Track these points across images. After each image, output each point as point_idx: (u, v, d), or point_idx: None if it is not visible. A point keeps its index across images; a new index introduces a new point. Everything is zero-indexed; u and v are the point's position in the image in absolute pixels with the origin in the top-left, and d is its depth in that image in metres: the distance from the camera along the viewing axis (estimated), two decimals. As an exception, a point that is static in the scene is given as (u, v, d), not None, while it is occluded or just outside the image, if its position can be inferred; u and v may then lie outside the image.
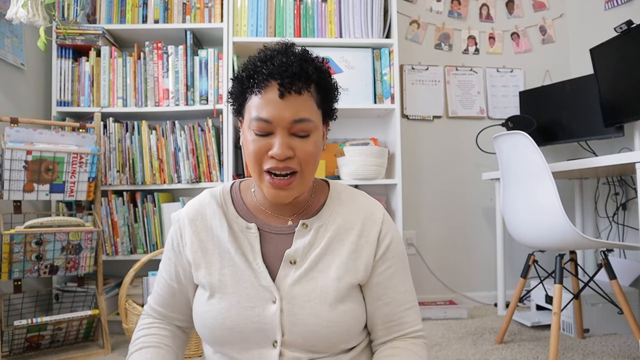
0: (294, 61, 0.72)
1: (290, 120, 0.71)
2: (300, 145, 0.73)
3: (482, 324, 2.21)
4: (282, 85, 0.70)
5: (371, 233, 0.80)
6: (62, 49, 2.18)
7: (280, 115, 0.71)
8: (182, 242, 0.82)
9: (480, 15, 2.80)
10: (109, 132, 2.17)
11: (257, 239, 0.79)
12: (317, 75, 0.74)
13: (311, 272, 0.77)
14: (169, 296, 0.84)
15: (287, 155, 0.71)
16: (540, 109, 2.53)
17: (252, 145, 0.73)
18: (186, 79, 2.24)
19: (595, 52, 2.14)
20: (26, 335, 1.76)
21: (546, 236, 1.70)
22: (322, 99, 0.77)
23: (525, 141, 1.71)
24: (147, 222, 2.18)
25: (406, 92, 2.69)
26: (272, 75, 0.71)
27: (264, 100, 0.72)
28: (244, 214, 0.82)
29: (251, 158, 0.74)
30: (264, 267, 0.77)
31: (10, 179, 1.71)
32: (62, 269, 1.82)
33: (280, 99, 0.71)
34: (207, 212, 0.82)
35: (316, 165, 0.77)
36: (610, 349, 1.79)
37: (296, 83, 0.71)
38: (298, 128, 0.72)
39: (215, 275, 0.78)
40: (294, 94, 0.71)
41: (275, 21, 2.30)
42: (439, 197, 2.69)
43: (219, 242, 0.80)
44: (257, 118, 0.72)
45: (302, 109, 0.72)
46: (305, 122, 0.73)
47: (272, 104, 0.71)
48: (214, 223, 0.81)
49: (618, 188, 2.39)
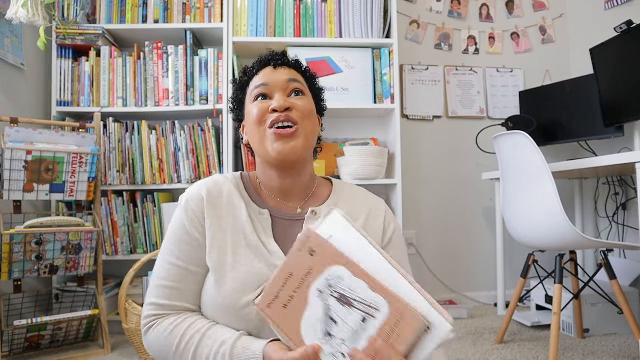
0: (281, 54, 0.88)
1: (285, 80, 0.83)
2: (297, 101, 0.82)
3: (482, 324, 2.21)
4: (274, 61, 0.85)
5: (377, 222, 0.87)
6: (62, 49, 2.18)
7: (275, 78, 0.83)
8: (199, 220, 0.80)
9: (480, 15, 2.80)
10: (109, 132, 2.17)
11: (270, 224, 0.82)
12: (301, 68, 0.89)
13: None
14: (185, 285, 0.79)
15: (286, 106, 0.79)
16: (540, 109, 2.53)
17: (254, 110, 0.82)
18: (186, 79, 2.24)
19: (595, 52, 2.14)
20: (26, 335, 1.76)
21: (546, 236, 1.70)
22: (310, 86, 0.89)
23: (525, 141, 1.71)
24: (147, 222, 2.18)
25: (406, 92, 2.69)
26: (266, 61, 0.86)
27: (260, 75, 0.85)
28: (256, 200, 0.86)
29: (254, 121, 0.81)
30: (277, 248, 0.80)
31: (10, 179, 1.71)
32: (62, 269, 1.82)
33: (274, 70, 0.85)
34: (224, 190, 0.84)
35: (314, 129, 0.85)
36: (610, 349, 1.79)
37: (286, 61, 0.86)
38: (293, 87, 0.83)
39: (229, 255, 0.78)
40: (285, 67, 0.85)
41: (275, 21, 2.30)
42: (439, 197, 2.69)
43: (235, 221, 0.81)
44: (256, 86, 0.83)
45: (294, 74, 0.85)
46: (298, 82, 0.84)
47: (268, 73, 0.84)
48: (234, 201, 0.83)
49: (618, 188, 2.39)
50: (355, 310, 0.61)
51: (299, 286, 0.64)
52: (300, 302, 0.64)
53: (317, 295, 0.63)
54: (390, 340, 0.58)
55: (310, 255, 0.64)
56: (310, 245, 0.65)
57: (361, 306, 0.60)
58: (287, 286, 0.65)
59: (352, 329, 0.60)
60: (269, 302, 0.66)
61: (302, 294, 0.64)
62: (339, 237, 0.64)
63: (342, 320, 0.61)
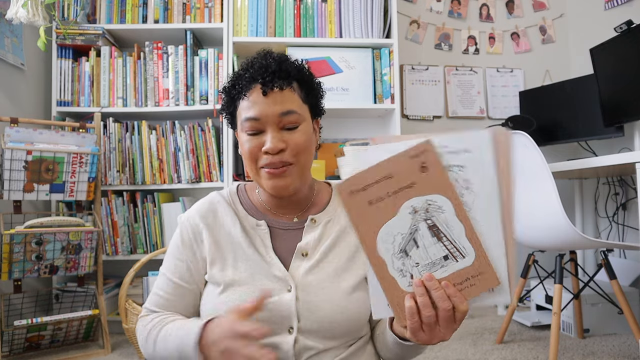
0: (272, 62, 0.78)
1: (278, 114, 0.76)
2: (291, 137, 0.77)
3: (482, 324, 2.21)
4: (264, 85, 0.76)
5: None
6: (62, 49, 2.18)
7: (266, 111, 0.76)
8: (196, 240, 0.83)
9: (480, 15, 2.80)
10: (109, 132, 2.17)
11: (268, 234, 0.82)
12: (296, 72, 0.80)
13: (322, 263, 0.80)
14: (177, 298, 0.83)
15: (279, 148, 0.75)
16: (540, 109, 2.53)
17: (246, 145, 0.78)
18: (186, 79, 2.24)
19: (595, 52, 2.14)
20: (26, 335, 1.76)
21: (546, 236, 1.70)
22: (306, 95, 0.81)
23: (526, 141, 1.71)
24: (147, 222, 2.18)
25: (406, 92, 2.69)
26: (254, 78, 0.77)
27: (250, 102, 0.77)
28: (253, 213, 0.85)
29: (247, 158, 0.79)
30: (277, 259, 0.80)
31: (10, 179, 1.71)
32: (62, 269, 1.82)
33: (264, 97, 0.76)
34: (218, 209, 0.85)
35: (310, 157, 0.81)
36: (610, 349, 1.79)
37: (276, 81, 0.76)
38: (286, 121, 0.76)
39: (229, 270, 0.79)
40: (276, 91, 0.76)
41: (275, 21, 2.30)
42: (439, 197, 2.69)
43: (231, 237, 0.82)
44: (246, 119, 0.77)
45: (287, 102, 0.77)
46: (292, 114, 0.77)
47: (258, 103, 0.76)
48: (226, 220, 0.83)
49: (618, 188, 2.39)
50: (442, 245, 0.59)
51: (394, 192, 0.59)
52: (388, 207, 0.59)
53: (410, 211, 0.59)
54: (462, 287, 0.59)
55: (419, 169, 0.58)
56: (425, 159, 0.58)
57: (450, 245, 0.59)
58: (381, 185, 0.59)
59: (431, 260, 0.59)
60: (353, 189, 0.60)
61: (394, 202, 0.59)
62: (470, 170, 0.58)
63: (425, 247, 0.59)
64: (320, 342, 0.76)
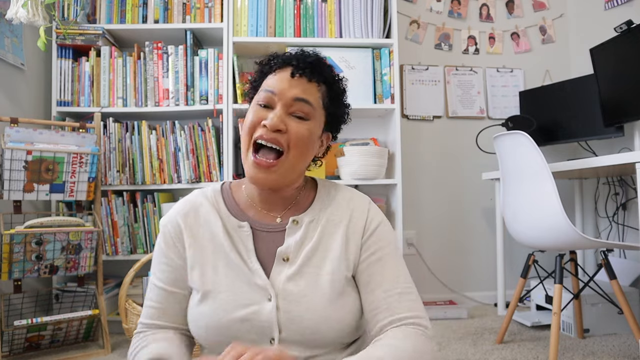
0: (311, 55, 0.80)
1: (292, 97, 0.76)
2: (294, 124, 0.76)
3: (482, 324, 2.21)
4: (296, 67, 0.77)
5: (358, 222, 0.81)
6: (62, 49, 2.18)
7: (284, 89, 0.76)
8: (180, 240, 0.80)
9: (480, 15, 2.80)
10: (109, 132, 2.17)
11: (250, 237, 0.79)
12: (331, 77, 0.81)
13: (305, 268, 0.77)
14: (170, 305, 0.80)
15: (278, 127, 0.74)
16: (540, 109, 2.53)
17: (251, 115, 0.77)
18: (186, 79, 2.24)
19: (595, 52, 2.14)
20: (26, 335, 1.76)
21: (546, 236, 1.70)
22: (329, 101, 0.81)
23: (525, 141, 1.71)
24: (147, 222, 2.18)
25: (406, 92, 2.69)
26: (289, 60, 0.79)
27: (276, 77, 0.78)
28: (236, 213, 0.82)
29: (246, 126, 0.77)
30: (258, 265, 0.77)
31: (10, 179, 1.71)
32: (62, 269, 1.82)
33: (290, 78, 0.77)
34: (200, 209, 0.82)
35: (305, 155, 0.78)
36: (610, 349, 1.79)
37: (309, 69, 0.77)
38: (297, 107, 0.76)
39: (209, 274, 0.77)
40: (304, 78, 0.77)
41: (275, 21, 2.30)
42: (439, 197, 2.69)
43: (213, 237, 0.79)
44: (265, 89, 0.77)
45: (307, 92, 0.77)
46: (306, 104, 0.76)
47: (282, 80, 0.77)
48: (209, 220, 0.81)
49: (618, 188, 2.39)
50: None
51: None
52: None
53: None
54: None
55: None
56: None
57: None
58: None
59: None
60: None
61: None
62: None
63: None
64: (305, 351, 0.74)
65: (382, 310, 0.75)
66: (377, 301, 0.76)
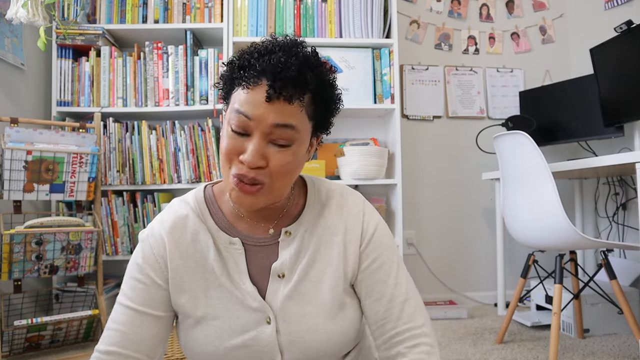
0: (293, 63, 0.63)
1: (272, 124, 0.63)
2: (276, 155, 0.65)
3: (482, 324, 2.21)
4: (271, 87, 0.62)
5: (355, 231, 0.76)
6: (62, 49, 2.18)
7: (262, 116, 0.63)
8: (162, 258, 0.71)
9: (480, 15, 2.80)
10: (109, 132, 2.17)
11: (243, 255, 0.72)
12: (316, 84, 0.66)
13: (302, 284, 0.72)
14: (136, 329, 0.69)
15: (257, 165, 0.64)
16: (540, 109, 2.53)
17: (226, 141, 0.66)
18: (186, 79, 2.24)
19: (595, 52, 2.14)
20: (26, 335, 1.76)
21: (546, 236, 1.70)
22: (316, 110, 0.69)
23: (525, 141, 1.71)
24: (147, 222, 2.18)
25: (406, 92, 2.69)
26: (264, 73, 0.63)
27: (249, 97, 0.64)
28: (225, 227, 0.74)
29: (223, 155, 0.67)
30: (252, 287, 0.71)
31: (10, 179, 1.71)
32: (62, 269, 1.82)
33: (266, 102, 0.63)
34: (188, 224, 0.73)
35: (290, 180, 0.70)
36: (610, 349, 1.79)
37: (288, 89, 0.63)
38: (278, 135, 0.64)
39: (201, 299, 0.71)
40: (282, 101, 0.63)
41: (275, 21, 2.30)
42: (439, 197, 2.69)
43: (204, 259, 0.72)
44: (238, 111, 0.64)
45: (288, 116, 0.64)
46: (289, 130, 0.64)
47: (257, 104, 0.63)
48: (199, 237, 0.72)
49: (618, 188, 2.39)
50: None
51: None
52: None
53: None
54: None
55: None
56: None
57: None
58: None
59: None
60: None
61: None
62: None
63: None
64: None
65: (388, 322, 0.73)
66: (382, 312, 0.73)
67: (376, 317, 0.74)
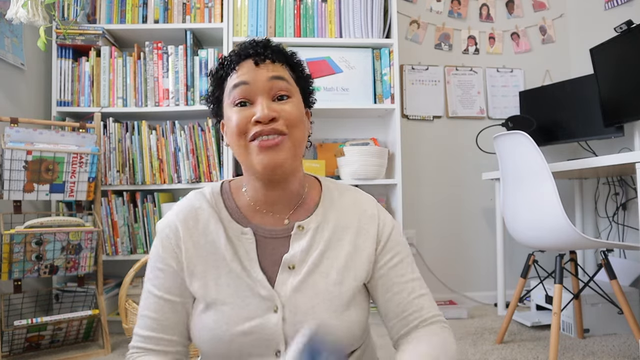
0: (261, 41, 0.75)
1: (267, 78, 0.71)
2: (282, 107, 0.71)
3: (482, 324, 2.21)
4: (256, 55, 0.72)
5: (370, 231, 0.79)
6: (62, 49, 2.18)
7: (256, 76, 0.71)
8: (177, 247, 0.75)
9: (480, 15, 2.80)
10: (109, 132, 2.17)
11: (253, 245, 0.75)
12: (290, 55, 0.77)
13: (311, 277, 0.74)
14: (167, 316, 0.74)
15: (271, 116, 0.69)
16: (540, 109, 2.53)
17: (234, 118, 0.71)
18: (186, 79, 2.24)
19: (595, 52, 2.14)
20: (26, 335, 1.76)
21: (546, 236, 1.70)
22: (298, 79, 0.77)
23: (525, 141, 1.71)
24: (147, 222, 2.18)
25: (406, 92, 2.69)
26: (245, 53, 0.73)
27: (240, 72, 0.72)
28: (238, 218, 0.77)
29: (235, 132, 0.71)
30: (262, 275, 0.73)
31: (10, 179, 1.71)
32: (62, 269, 1.82)
33: (255, 67, 0.72)
34: (201, 215, 0.77)
35: (302, 136, 0.74)
36: (610, 349, 1.79)
37: (269, 54, 0.72)
38: (276, 87, 0.72)
39: (211, 285, 0.73)
40: (268, 62, 0.72)
41: (275, 21, 2.30)
42: (439, 197, 2.69)
43: (215, 247, 0.75)
44: (234, 85, 0.72)
45: (278, 70, 0.73)
46: (283, 82, 0.72)
47: (248, 71, 0.72)
48: (210, 227, 0.76)
49: (618, 188, 2.39)
50: None
51: None
52: None
53: None
54: None
55: None
56: None
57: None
58: None
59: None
60: None
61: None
62: None
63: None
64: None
65: (412, 312, 0.77)
66: (405, 304, 0.77)
67: (398, 309, 0.77)
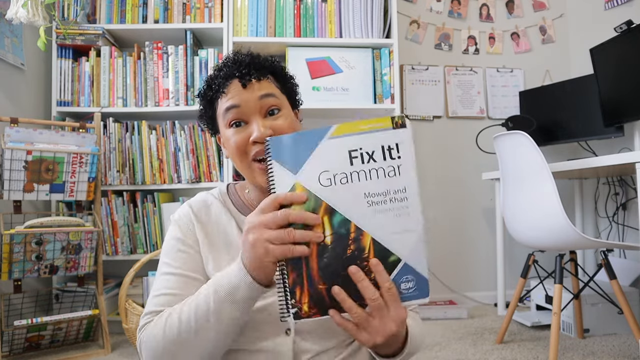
0: (245, 58, 0.79)
1: (257, 97, 0.75)
2: (276, 122, 0.76)
3: (482, 324, 2.21)
4: (241, 78, 0.76)
5: None
6: (62, 49, 2.18)
7: (247, 98, 0.75)
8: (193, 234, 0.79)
9: (480, 15, 2.80)
10: (109, 132, 2.17)
11: None
12: (270, 66, 0.81)
13: None
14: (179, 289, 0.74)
15: (267, 134, 0.72)
16: (540, 109, 2.53)
17: (232, 140, 0.76)
18: (186, 79, 2.24)
19: (595, 52, 2.14)
20: (26, 335, 1.76)
21: (546, 236, 1.70)
22: (282, 86, 0.82)
23: (525, 141, 1.71)
24: (147, 222, 2.18)
25: (406, 92, 2.69)
26: (231, 74, 0.77)
27: (229, 96, 0.76)
28: (245, 211, 0.83)
29: (235, 153, 0.76)
30: None
31: (10, 179, 1.71)
32: (62, 269, 1.82)
33: (243, 89, 0.76)
34: (212, 208, 0.83)
35: None
36: (610, 349, 1.79)
37: (253, 72, 0.76)
38: (267, 104, 0.76)
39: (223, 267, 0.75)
40: (254, 82, 0.76)
41: (275, 21, 2.30)
42: (439, 197, 2.69)
43: (227, 236, 0.80)
44: (227, 108, 0.76)
45: (265, 88, 0.77)
46: (272, 98, 0.76)
47: (237, 93, 0.76)
48: (221, 219, 0.81)
49: (618, 188, 2.39)
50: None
51: None
52: None
53: None
54: None
55: None
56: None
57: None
58: None
59: None
60: None
61: None
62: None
63: None
64: (318, 343, 0.76)
65: None
66: None
67: None
